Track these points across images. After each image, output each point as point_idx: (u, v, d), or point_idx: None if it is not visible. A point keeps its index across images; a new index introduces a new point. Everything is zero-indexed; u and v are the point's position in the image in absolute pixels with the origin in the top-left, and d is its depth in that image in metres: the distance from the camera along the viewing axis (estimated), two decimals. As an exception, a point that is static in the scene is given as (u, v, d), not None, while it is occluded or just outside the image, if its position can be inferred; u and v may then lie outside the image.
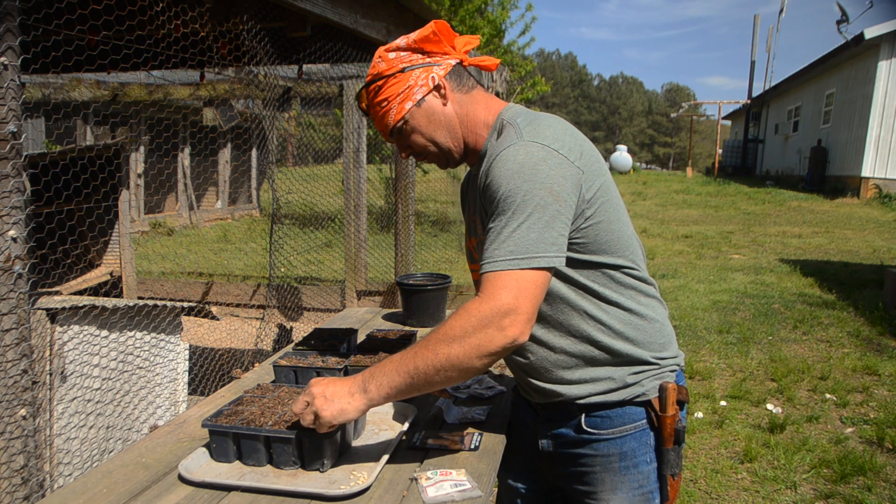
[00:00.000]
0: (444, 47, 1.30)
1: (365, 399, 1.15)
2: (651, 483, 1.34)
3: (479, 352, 1.10)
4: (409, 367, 1.13)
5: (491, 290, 1.11)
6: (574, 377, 1.31)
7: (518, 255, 1.11)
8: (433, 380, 1.12)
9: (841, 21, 16.36)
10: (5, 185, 1.51)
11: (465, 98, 1.32)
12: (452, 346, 1.10)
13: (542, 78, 12.96)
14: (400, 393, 1.15)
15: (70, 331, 2.46)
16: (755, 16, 22.43)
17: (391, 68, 1.28)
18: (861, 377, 4.22)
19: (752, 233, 10.44)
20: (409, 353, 1.14)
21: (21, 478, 1.60)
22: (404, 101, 1.28)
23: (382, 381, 1.14)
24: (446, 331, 1.12)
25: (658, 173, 27.81)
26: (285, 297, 5.03)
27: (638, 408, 1.31)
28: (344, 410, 1.15)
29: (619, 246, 1.27)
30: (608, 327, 1.28)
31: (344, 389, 1.16)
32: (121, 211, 4.06)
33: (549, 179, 1.14)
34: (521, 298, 1.10)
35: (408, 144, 1.34)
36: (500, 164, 1.18)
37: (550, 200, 1.14)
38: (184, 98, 10.52)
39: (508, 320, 1.09)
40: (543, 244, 1.12)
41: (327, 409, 1.14)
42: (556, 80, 61.59)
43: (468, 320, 1.10)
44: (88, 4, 2.56)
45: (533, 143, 1.18)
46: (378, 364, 1.18)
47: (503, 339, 1.10)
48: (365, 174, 4.82)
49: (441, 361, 1.11)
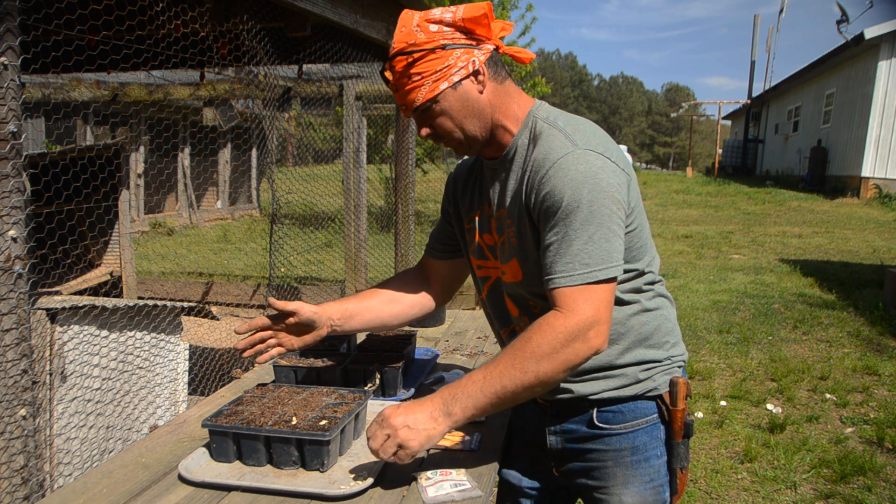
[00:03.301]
0: (490, 32, 1.22)
1: (450, 422, 1.14)
2: (661, 476, 1.34)
3: (567, 366, 1.12)
4: (496, 387, 1.12)
5: (571, 305, 1.12)
6: (587, 376, 1.31)
7: (594, 267, 1.13)
8: (520, 397, 1.13)
9: (841, 21, 16.36)
10: (5, 185, 1.51)
11: (499, 88, 1.26)
12: (542, 363, 1.11)
13: (543, 79, 12.95)
14: (485, 412, 1.15)
15: (70, 331, 2.45)
16: (755, 16, 22.45)
17: (431, 42, 1.18)
18: (861, 377, 4.22)
19: (752, 233, 10.44)
20: (495, 374, 1.13)
21: (21, 478, 1.60)
22: (440, 81, 1.20)
23: (468, 404, 1.13)
24: (533, 349, 1.11)
25: (658, 173, 27.82)
26: (285, 297, 5.02)
27: (649, 402, 1.32)
28: (431, 437, 1.13)
29: (645, 249, 1.29)
30: (626, 329, 1.29)
31: (425, 415, 1.14)
32: (121, 211, 4.06)
33: (610, 188, 1.15)
34: (602, 309, 1.13)
35: (432, 125, 1.26)
36: (559, 172, 1.16)
37: (614, 209, 1.15)
38: (184, 98, 10.52)
39: (594, 332, 1.12)
40: (614, 254, 1.14)
41: (414, 440, 1.12)
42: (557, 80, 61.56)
43: (556, 337, 1.11)
44: (88, 4, 2.56)
45: (589, 152, 1.17)
46: (458, 383, 1.16)
47: (588, 350, 1.12)
48: (365, 174, 4.82)
49: (530, 380, 1.11)
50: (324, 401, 1.37)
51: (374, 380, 1.60)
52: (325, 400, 1.38)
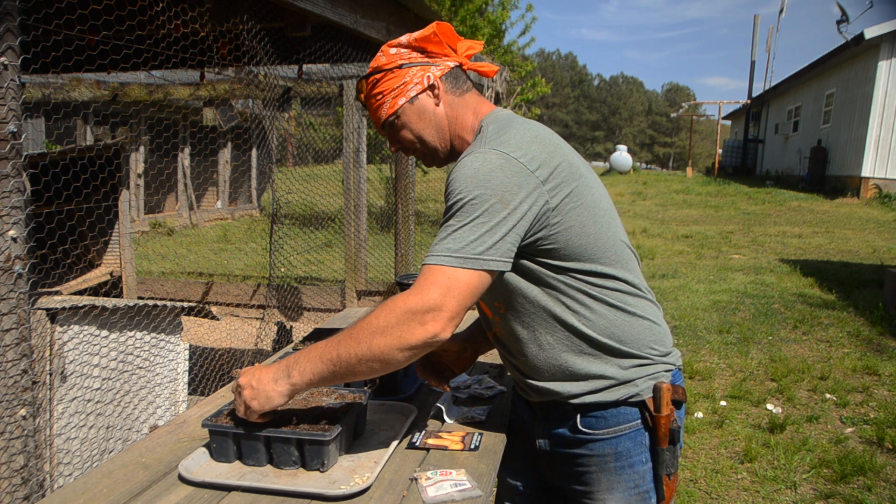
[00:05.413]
0: (445, 49, 1.33)
1: (288, 384, 1.18)
2: (647, 482, 1.34)
3: (401, 344, 1.12)
4: (332, 354, 1.15)
5: (421, 284, 1.13)
6: (566, 375, 1.31)
7: (454, 253, 1.13)
8: (356, 369, 1.14)
9: (841, 21, 16.36)
10: (5, 185, 1.51)
11: (457, 101, 1.35)
12: (375, 337, 1.12)
13: (543, 79, 12.96)
14: (323, 380, 1.17)
15: (70, 331, 2.46)
16: (755, 16, 22.44)
17: (390, 63, 1.31)
18: (861, 377, 4.22)
19: (752, 233, 10.44)
20: (334, 341, 1.16)
21: (21, 478, 1.60)
22: (398, 97, 1.31)
23: (306, 368, 1.16)
24: (371, 321, 1.14)
25: (658, 173, 27.83)
26: (285, 297, 5.03)
27: (632, 408, 1.32)
28: (270, 397, 1.18)
29: (596, 249, 1.26)
30: (594, 324, 1.28)
31: (268, 376, 1.19)
32: (121, 211, 4.06)
33: (501, 187, 1.16)
34: (449, 297, 1.12)
35: (397, 139, 1.37)
36: (457, 170, 1.21)
37: (499, 208, 1.15)
38: (184, 98, 10.51)
39: (430, 316, 1.11)
40: (482, 247, 1.14)
41: (255, 399, 1.18)
42: (557, 80, 61.58)
43: (393, 312, 1.12)
44: (88, 4, 2.56)
45: (492, 151, 1.20)
46: (304, 349, 1.19)
47: (423, 333, 1.11)
48: (365, 174, 4.82)
49: (363, 351, 1.12)
50: (324, 400, 1.37)
51: (374, 380, 1.60)
52: (325, 400, 1.38)
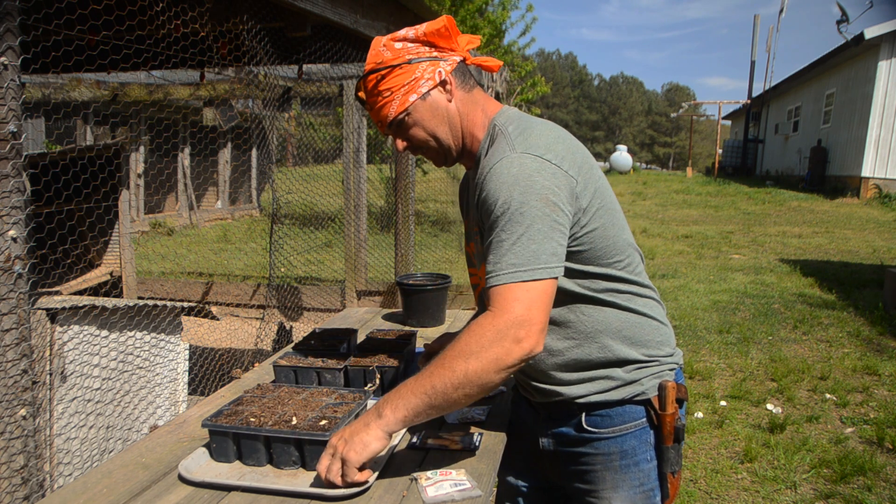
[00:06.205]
0: (452, 43, 1.28)
1: (382, 424, 1.12)
2: (652, 481, 1.34)
3: (497, 366, 1.09)
4: (425, 386, 1.10)
5: (502, 304, 1.10)
6: (573, 377, 1.31)
7: (521, 267, 1.11)
8: (452, 398, 1.10)
9: (841, 21, 16.36)
10: (5, 185, 1.51)
11: (466, 97, 1.32)
12: (470, 361, 1.08)
13: (543, 78, 12.96)
14: (419, 414, 1.11)
15: (70, 331, 2.45)
16: (755, 16, 22.43)
17: (397, 58, 1.25)
18: (861, 377, 4.22)
19: (752, 233, 10.44)
20: (425, 374, 1.12)
21: (21, 478, 1.60)
22: (409, 93, 1.26)
23: (398, 404, 1.12)
24: (461, 347, 1.10)
25: (658, 173, 27.82)
26: (285, 297, 5.02)
27: (638, 406, 1.32)
28: (365, 443, 1.11)
29: (615, 251, 1.27)
30: (604, 327, 1.29)
31: (359, 424, 1.13)
32: (121, 211, 4.06)
33: (544, 190, 1.14)
34: (533, 310, 1.10)
35: (407, 137, 1.32)
36: (493, 177, 1.17)
37: (547, 211, 1.14)
38: (184, 98, 10.51)
39: (524, 332, 1.09)
40: (545, 255, 1.12)
41: (351, 449, 1.11)
42: (557, 80, 61.56)
43: (483, 335, 1.09)
44: (88, 4, 2.55)
45: (525, 155, 1.18)
46: (392, 390, 1.15)
47: (520, 350, 1.09)
48: (365, 174, 4.81)
49: (459, 378, 1.09)
50: (324, 401, 1.37)
51: (374, 380, 1.60)
52: (325, 400, 1.38)
